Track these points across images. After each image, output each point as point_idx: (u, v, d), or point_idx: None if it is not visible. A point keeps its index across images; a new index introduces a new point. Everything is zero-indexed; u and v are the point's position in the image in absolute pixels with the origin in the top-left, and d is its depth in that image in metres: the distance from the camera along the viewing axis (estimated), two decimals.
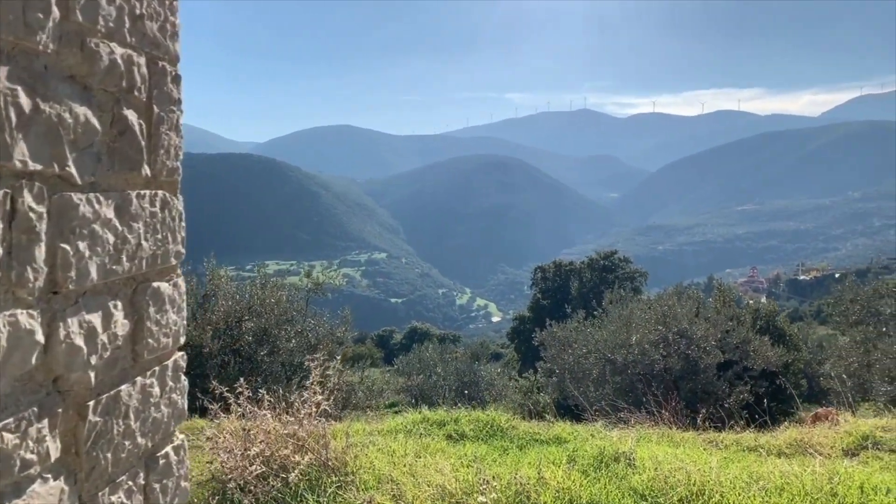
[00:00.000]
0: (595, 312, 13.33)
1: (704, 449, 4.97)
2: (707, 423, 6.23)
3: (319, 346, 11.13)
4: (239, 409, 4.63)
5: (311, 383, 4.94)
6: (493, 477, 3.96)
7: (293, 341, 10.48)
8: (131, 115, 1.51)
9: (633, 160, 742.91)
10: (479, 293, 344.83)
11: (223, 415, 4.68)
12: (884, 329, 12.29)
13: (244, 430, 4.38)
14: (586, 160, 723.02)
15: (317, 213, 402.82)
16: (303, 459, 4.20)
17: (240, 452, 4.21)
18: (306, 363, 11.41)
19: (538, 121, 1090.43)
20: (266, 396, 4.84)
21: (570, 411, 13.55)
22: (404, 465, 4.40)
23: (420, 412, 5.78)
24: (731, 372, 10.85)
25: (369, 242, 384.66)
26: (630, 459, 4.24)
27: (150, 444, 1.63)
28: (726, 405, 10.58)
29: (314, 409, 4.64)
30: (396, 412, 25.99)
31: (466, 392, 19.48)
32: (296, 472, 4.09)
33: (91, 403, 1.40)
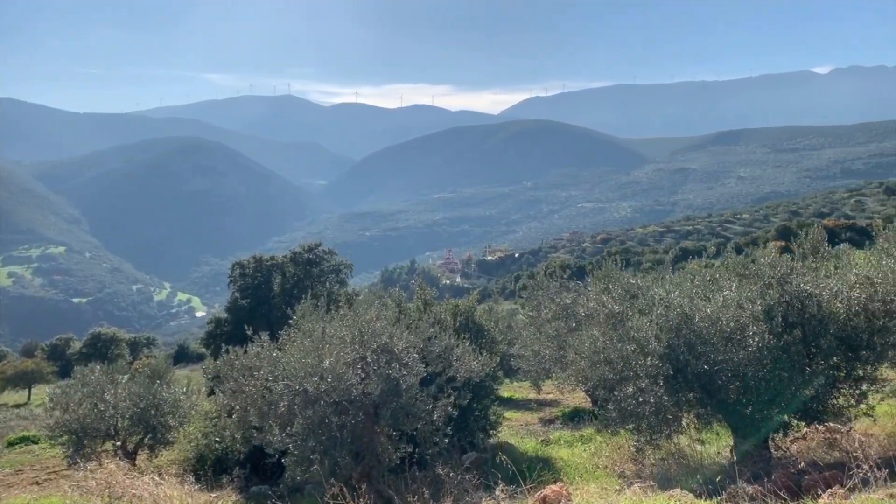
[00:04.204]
0: (290, 321, 11.52)
1: None
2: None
3: None
4: None
5: None
6: None
7: None
8: None
9: (338, 148, 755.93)
10: (180, 287, 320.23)
11: None
12: (574, 324, 12.74)
13: None
14: (292, 146, 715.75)
15: None
16: None
17: None
18: None
19: (240, 104, 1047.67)
20: None
21: (257, 454, 11.60)
22: None
23: None
24: (435, 385, 9.97)
25: (42, 235, 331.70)
26: None
27: None
28: (432, 422, 9.63)
29: None
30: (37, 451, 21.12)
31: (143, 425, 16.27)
32: None
33: None
